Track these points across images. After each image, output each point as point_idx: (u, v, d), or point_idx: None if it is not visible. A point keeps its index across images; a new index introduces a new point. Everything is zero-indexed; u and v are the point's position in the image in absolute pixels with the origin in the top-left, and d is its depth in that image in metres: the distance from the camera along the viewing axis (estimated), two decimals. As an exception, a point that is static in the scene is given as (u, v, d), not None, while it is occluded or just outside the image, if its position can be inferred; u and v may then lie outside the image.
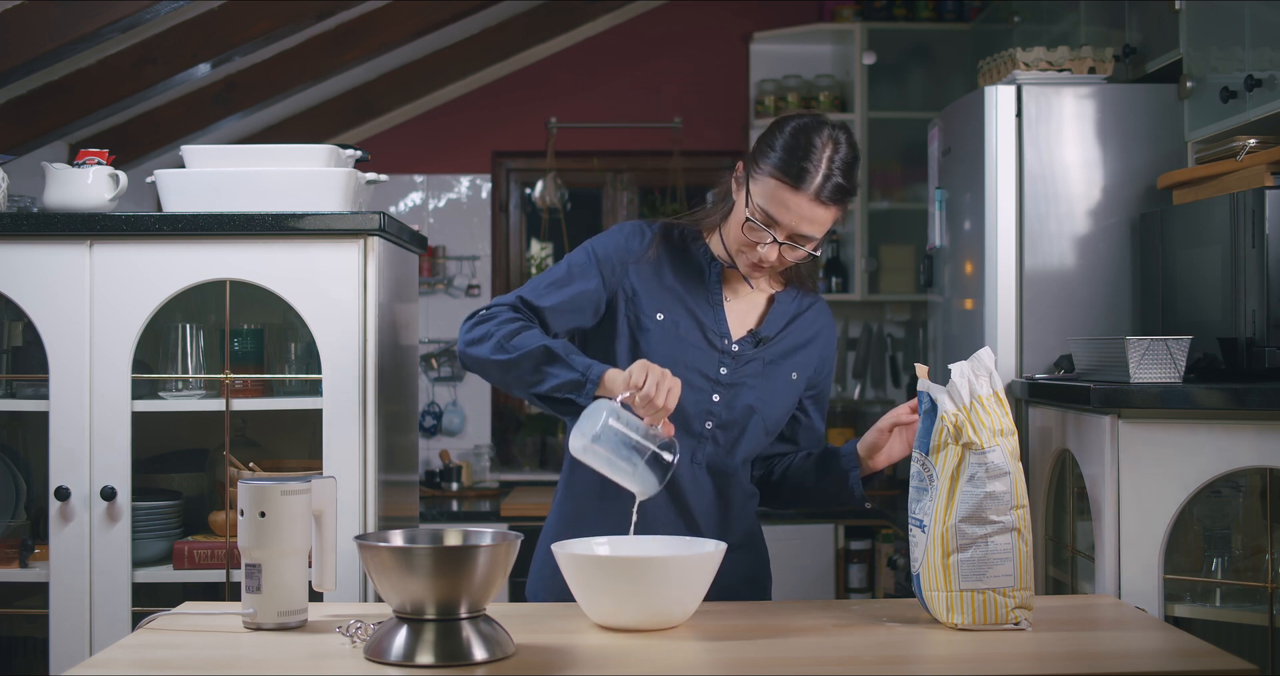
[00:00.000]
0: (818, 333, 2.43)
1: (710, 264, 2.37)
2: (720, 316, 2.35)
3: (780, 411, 2.39)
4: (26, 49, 3.14)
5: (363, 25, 4.21)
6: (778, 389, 2.37)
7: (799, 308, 2.42)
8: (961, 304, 3.44)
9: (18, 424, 2.98)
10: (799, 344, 2.40)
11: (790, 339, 2.39)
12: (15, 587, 2.84)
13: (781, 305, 2.40)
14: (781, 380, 2.37)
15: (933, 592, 2.03)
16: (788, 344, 2.39)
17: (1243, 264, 2.63)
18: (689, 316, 2.33)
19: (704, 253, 2.37)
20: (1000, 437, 2.02)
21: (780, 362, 2.37)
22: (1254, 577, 2.53)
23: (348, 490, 2.65)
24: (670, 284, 2.34)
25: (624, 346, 2.32)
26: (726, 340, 2.34)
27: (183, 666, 1.82)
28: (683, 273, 2.36)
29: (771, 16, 5.25)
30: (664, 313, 2.33)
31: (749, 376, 2.34)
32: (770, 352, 2.37)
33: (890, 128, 4.95)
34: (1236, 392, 2.42)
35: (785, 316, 2.40)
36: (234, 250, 2.69)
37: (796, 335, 2.40)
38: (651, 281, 2.34)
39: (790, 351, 2.39)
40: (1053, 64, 3.26)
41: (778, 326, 2.39)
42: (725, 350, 2.33)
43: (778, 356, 2.37)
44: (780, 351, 2.38)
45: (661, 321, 2.32)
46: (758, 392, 2.34)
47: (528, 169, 5.36)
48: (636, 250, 2.35)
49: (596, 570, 1.97)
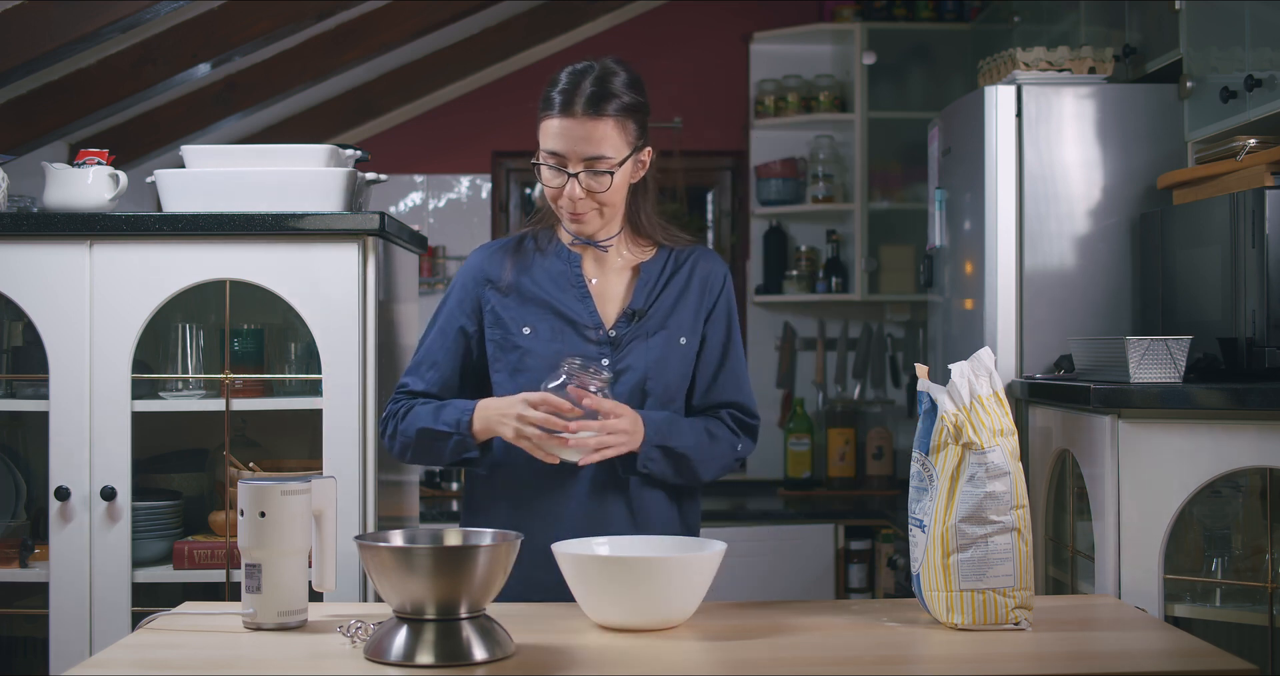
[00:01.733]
0: (690, 280, 2.39)
1: (568, 258, 2.37)
2: (590, 308, 2.34)
3: (675, 378, 2.35)
4: (26, 49, 3.14)
5: (363, 25, 4.20)
6: (667, 357, 2.34)
7: (673, 266, 2.39)
8: (961, 304, 3.44)
9: (18, 424, 2.98)
10: (674, 302, 2.37)
11: (666, 301, 2.37)
12: (15, 587, 2.85)
13: (648, 271, 2.38)
14: (668, 347, 2.34)
15: (933, 592, 2.03)
16: (664, 307, 2.36)
17: (1243, 264, 2.63)
18: (559, 319, 2.33)
19: (558, 248, 2.38)
20: (1000, 437, 2.02)
21: (661, 331, 2.35)
22: (1254, 577, 2.53)
23: (348, 490, 2.65)
24: (535, 294, 2.35)
25: (503, 373, 2.34)
26: (601, 330, 2.33)
27: (183, 666, 1.82)
28: (545, 278, 2.36)
29: (771, 16, 5.25)
30: (530, 326, 2.33)
31: (631, 356, 2.32)
32: (649, 325, 2.35)
33: (890, 128, 4.94)
34: (1236, 392, 2.42)
35: (654, 281, 2.37)
36: (234, 250, 2.69)
37: (671, 295, 2.37)
38: (513, 300, 2.35)
39: (668, 314, 2.36)
40: (1053, 64, 3.26)
41: (648, 294, 2.36)
42: (602, 340, 2.33)
43: (656, 325, 2.35)
44: (658, 319, 2.35)
45: (530, 334, 2.32)
46: (643, 369, 2.32)
47: (528, 169, 5.36)
48: (492, 274, 2.37)
49: (596, 570, 1.97)
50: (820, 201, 5.00)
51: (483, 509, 2.37)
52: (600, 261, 2.38)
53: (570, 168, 2.25)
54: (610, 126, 2.25)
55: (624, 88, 2.27)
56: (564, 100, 2.24)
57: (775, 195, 5.07)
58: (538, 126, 2.29)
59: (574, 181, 2.26)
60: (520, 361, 2.32)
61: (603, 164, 2.25)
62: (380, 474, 2.75)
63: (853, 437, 4.94)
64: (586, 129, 2.23)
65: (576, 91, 2.24)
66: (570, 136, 2.24)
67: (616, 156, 2.26)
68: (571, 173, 2.25)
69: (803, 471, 4.98)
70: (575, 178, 2.25)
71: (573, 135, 2.24)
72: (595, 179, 2.26)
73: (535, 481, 2.31)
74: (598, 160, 2.25)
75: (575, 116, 2.23)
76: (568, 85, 2.25)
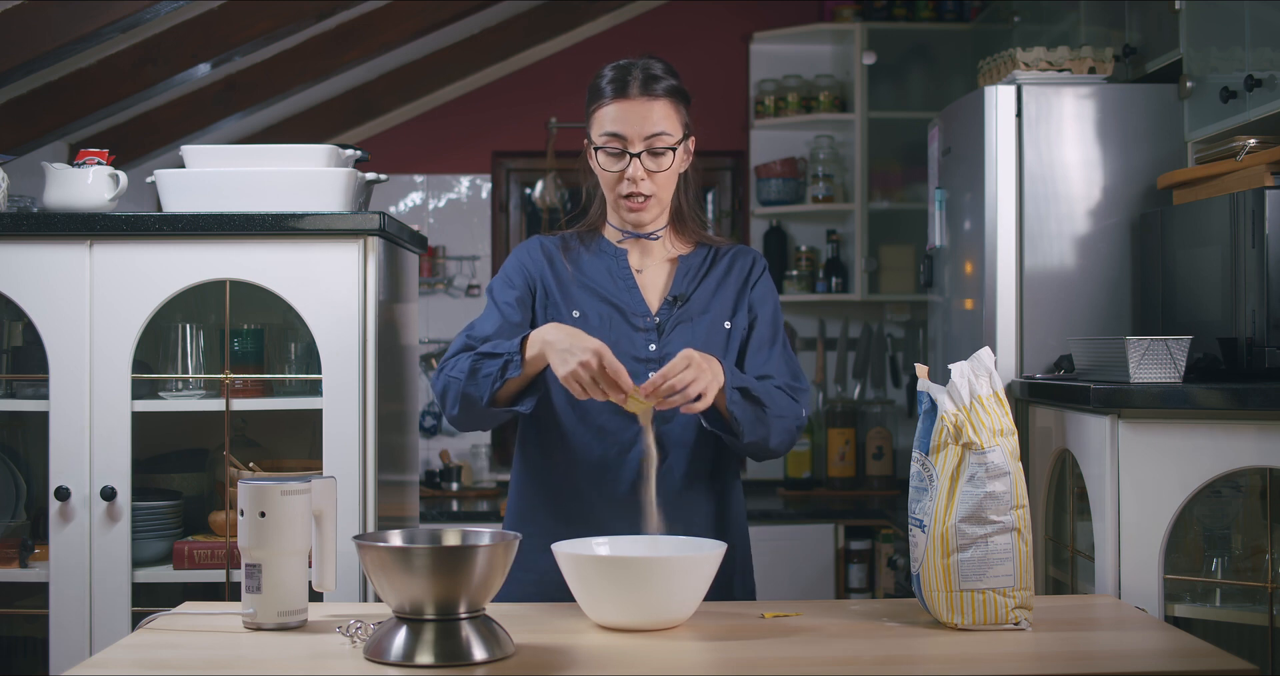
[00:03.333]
0: (730, 271, 2.43)
1: (615, 253, 2.41)
2: (637, 297, 2.38)
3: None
4: (26, 49, 3.14)
5: (363, 25, 4.20)
6: (711, 340, 2.36)
7: (712, 259, 2.44)
8: (961, 304, 3.44)
9: (18, 424, 2.98)
10: (715, 288, 2.41)
11: (707, 287, 2.41)
12: (15, 587, 2.84)
13: (688, 262, 2.42)
14: (712, 331, 2.37)
15: (933, 592, 2.03)
16: (705, 292, 2.40)
17: (1243, 264, 2.63)
18: (608, 305, 2.36)
19: (605, 245, 2.43)
20: (1000, 437, 2.02)
21: (703, 315, 2.38)
22: (1254, 577, 2.53)
23: (348, 490, 2.65)
24: (585, 282, 2.38)
25: None
26: (648, 317, 2.36)
27: (183, 666, 1.82)
28: (594, 270, 2.40)
29: (771, 16, 5.25)
30: (579, 309, 2.36)
31: (676, 341, 2.34)
32: (691, 309, 2.38)
33: (890, 128, 4.95)
34: (1236, 392, 2.42)
35: (695, 270, 2.42)
36: (234, 250, 2.69)
37: (712, 283, 2.41)
38: (567, 285, 2.39)
39: (710, 299, 2.39)
40: (1053, 64, 3.26)
41: (690, 281, 2.40)
42: (649, 327, 2.36)
43: (699, 310, 2.38)
44: (701, 304, 2.39)
45: (579, 318, 2.35)
46: None
47: (528, 169, 5.36)
48: (542, 261, 2.41)
49: (596, 570, 1.97)
50: (820, 201, 5.00)
51: (528, 519, 2.38)
52: (646, 252, 2.42)
53: (632, 148, 2.30)
54: (667, 105, 2.31)
55: (671, 74, 2.35)
56: (617, 86, 2.30)
57: (775, 195, 5.07)
58: (588, 120, 2.35)
59: (636, 161, 2.30)
60: None
61: (662, 141, 2.30)
62: (380, 474, 2.75)
63: (853, 437, 4.94)
64: (645, 108, 2.29)
65: (629, 78, 2.30)
66: (630, 117, 2.29)
67: (675, 135, 2.32)
68: (634, 153, 2.30)
69: (803, 471, 4.98)
70: (637, 158, 2.30)
71: (633, 115, 2.29)
72: (655, 159, 2.31)
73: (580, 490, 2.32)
74: (658, 137, 2.30)
75: (632, 97, 2.29)
76: (616, 75, 2.32)
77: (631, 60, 2.35)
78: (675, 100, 2.33)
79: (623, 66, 2.34)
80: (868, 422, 4.95)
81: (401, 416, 3.00)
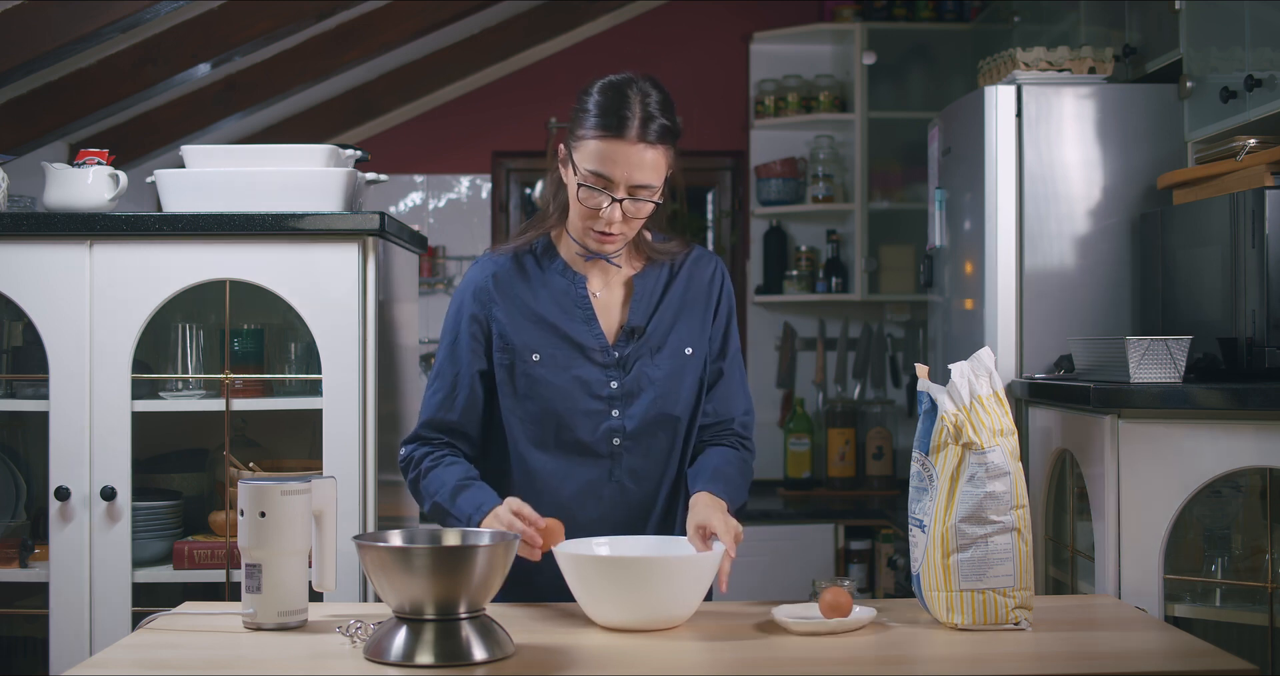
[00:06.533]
0: (690, 287, 2.33)
1: (573, 278, 2.30)
2: (596, 330, 2.28)
3: (687, 392, 2.30)
4: (26, 49, 3.14)
5: (363, 25, 4.20)
6: (674, 372, 2.29)
7: (668, 275, 2.33)
8: (961, 304, 3.44)
9: (18, 424, 2.98)
10: (675, 314, 2.31)
11: (666, 314, 2.31)
12: (15, 587, 2.85)
13: (643, 285, 2.31)
14: (674, 361, 2.29)
15: (933, 592, 2.03)
16: (664, 321, 2.30)
17: (1243, 264, 2.63)
18: (566, 342, 2.27)
19: (561, 268, 2.30)
20: (1000, 437, 2.02)
21: (664, 347, 2.29)
22: (1254, 577, 2.53)
23: (348, 490, 2.65)
24: (540, 313, 2.28)
25: (510, 398, 2.27)
26: (607, 351, 2.27)
27: (183, 666, 1.82)
28: (550, 299, 2.29)
29: (771, 16, 5.25)
30: (538, 351, 2.26)
31: (639, 377, 2.27)
32: (651, 341, 2.29)
33: (890, 128, 4.94)
34: (1236, 393, 2.42)
35: (650, 295, 2.31)
36: (234, 250, 2.69)
37: (671, 307, 2.31)
38: (519, 319, 2.28)
39: (669, 328, 2.31)
40: (1053, 64, 3.26)
41: (646, 309, 2.30)
42: (609, 362, 2.27)
43: (659, 341, 2.29)
44: (659, 335, 2.30)
45: (539, 361, 2.26)
46: (654, 388, 2.27)
47: (528, 169, 5.36)
48: (492, 295, 2.29)
49: (596, 570, 1.97)
50: (820, 201, 5.00)
51: None
52: (604, 273, 2.32)
53: (615, 192, 2.16)
54: (660, 154, 2.17)
55: (668, 111, 2.19)
56: (614, 123, 2.14)
57: (775, 195, 5.07)
58: (573, 136, 2.20)
59: (617, 206, 2.17)
60: (530, 389, 2.26)
61: (647, 192, 2.18)
62: (380, 474, 2.75)
63: (853, 438, 4.94)
64: (638, 157, 2.15)
65: (626, 113, 2.14)
66: (620, 161, 2.14)
67: (660, 185, 2.20)
68: (617, 197, 2.17)
69: (803, 471, 4.98)
70: (619, 202, 2.17)
71: (624, 160, 2.14)
72: (637, 206, 2.18)
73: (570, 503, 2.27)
74: (644, 188, 2.17)
75: (629, 141, 2.14)
76: (612, 105, 2.16)
77: (628, 81, 2.19)
78: (668, 145, 2.18)
79: (620, 92, 2.17)
80: (868, 423, 4.94)
81: (401, 416, 3.00)
